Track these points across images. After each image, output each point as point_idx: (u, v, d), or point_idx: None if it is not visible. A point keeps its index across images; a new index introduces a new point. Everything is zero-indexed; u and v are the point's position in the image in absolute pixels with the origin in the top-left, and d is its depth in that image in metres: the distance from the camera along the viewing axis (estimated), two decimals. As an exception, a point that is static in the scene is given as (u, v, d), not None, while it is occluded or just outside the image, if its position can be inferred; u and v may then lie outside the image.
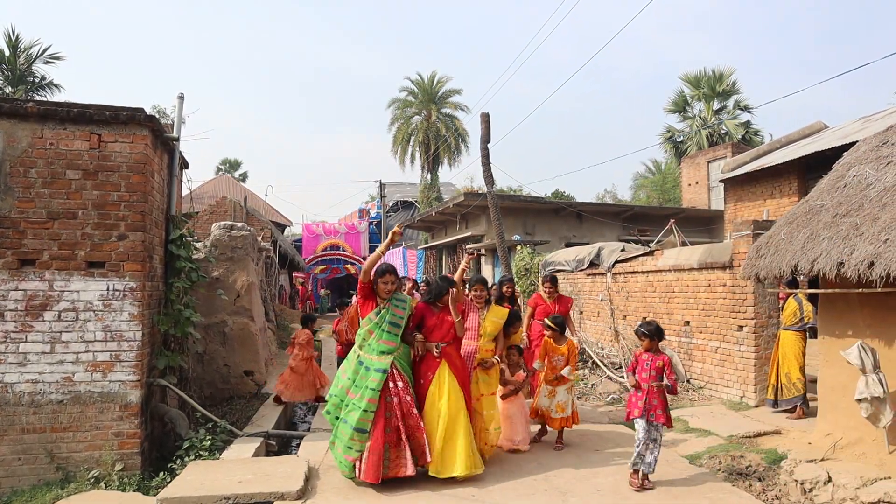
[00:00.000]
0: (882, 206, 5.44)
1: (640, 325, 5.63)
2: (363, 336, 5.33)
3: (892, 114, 13.09)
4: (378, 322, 5.31)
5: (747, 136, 29.24)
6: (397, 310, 5.40)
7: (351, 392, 5.21)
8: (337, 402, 5.32)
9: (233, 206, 20.15)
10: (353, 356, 5.38)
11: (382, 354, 5.23)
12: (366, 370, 5.19)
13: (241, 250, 9.50)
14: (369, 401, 5.04)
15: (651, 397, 5.26)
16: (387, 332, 5.29)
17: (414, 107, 37.78)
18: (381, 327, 5.29)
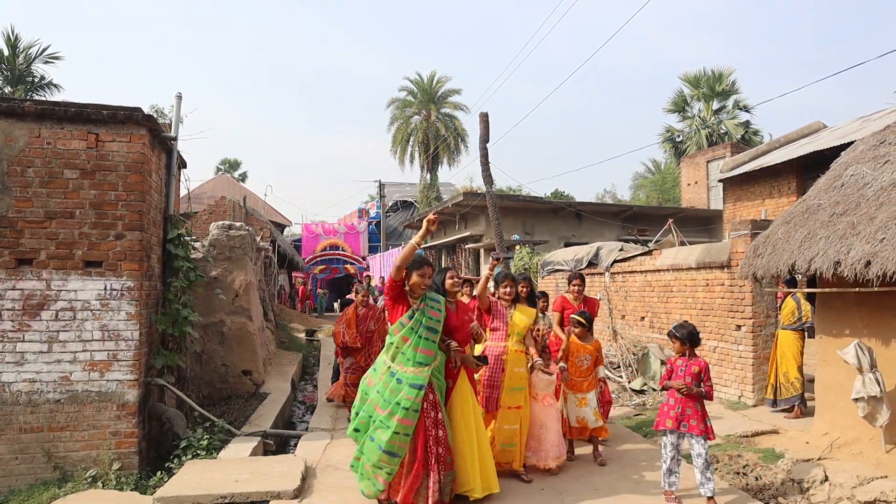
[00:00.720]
0: (879, 206, 5.45)
1: (674, 327, 5.08)
2: (396, 344, 4.49)
3: (890, 113, 13.09)
4: (413, 327, 4.46)
5: (747, 136, 29.25)
6: (433, 312, 4.57)
7: (379, 408, 4.42)
8: (365, 418, 4.51)
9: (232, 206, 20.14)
10: (383, 366, 4.55)
11: (419, 366, 4.41)
12: (397, 383, 4.39)
13: (239, 250, 9.50)
14: (402, 421, 4.28)
15: (685, 406, 4.79)
16: (424, 338, 4.46)
17: (413, 107, 37.78)
18: (416, 333, 4.46)
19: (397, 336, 4.48)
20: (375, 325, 8.03)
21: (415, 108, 37.78)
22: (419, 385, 4.36)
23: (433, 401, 4.47)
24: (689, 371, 4.88)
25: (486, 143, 15.07)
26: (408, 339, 4.45)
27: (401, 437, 4.31)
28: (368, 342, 7.94)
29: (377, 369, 4.62)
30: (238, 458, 5.84)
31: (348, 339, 7.93)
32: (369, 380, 4.64)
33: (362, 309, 8.14)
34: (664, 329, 10.04)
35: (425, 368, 4.43)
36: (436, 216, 4.45)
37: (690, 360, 4.94)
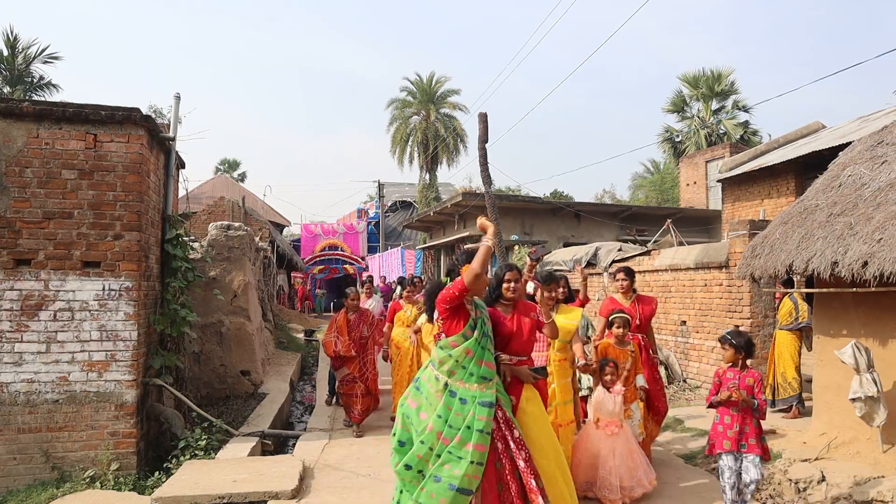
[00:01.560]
0: (876, 206, 5.45)
1: (730, 333, 4.60)
2: (456, 358, 3.77)
3: (888, 113, 13.10)
4: (478, 339, 3.80)
5: (745, 136, 29.27)
6: (486, 320, 3.99)
7: (444, 436, 3.63)
8: (425, 450, 3.64)
9: (231, 206, 20.15)
10: (435, 384, 3.80)
11: (483, 381, 3.74)
12: (461, 403, 3.68)
13: (237, 250, 9.51)
14: (477, 447, 3.55)
15: (743, 423, 4.34)
16: (487, 350, 3.84)
17: (413, 107, 37.77)
18: (480, 345, 3.81)
19: (458, 349, 3.75)
20: (369, 330, 7.44)
21: (414, 108, 37.78)
22: (489, 402, 3.67)
23: (505, 418, 3.77)
24: (744, 383, 4.39)
25: (485, 144, 15.06)
26: (471, 352, 3.77)
27: (475, 468, 3.57)
28: (362, 350, 7.30)
29: (422, 389, 3.85)
30: (236, 459, 5.85)
31: (341, 348, 7.16)
32: (411, 400, 3.87)
33: (353, 314, 7.42)
34: (662, 329, 10.05)
35: (490, 383, 3.77)
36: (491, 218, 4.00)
37: (743, 372, 4.46)
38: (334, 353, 7.19)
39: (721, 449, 4.35)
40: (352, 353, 7.15)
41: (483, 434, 3.59)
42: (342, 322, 7.31)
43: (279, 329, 15.26)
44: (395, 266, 26.07)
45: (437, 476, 3.54)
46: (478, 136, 15.24)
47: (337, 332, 7.24)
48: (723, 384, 4.46)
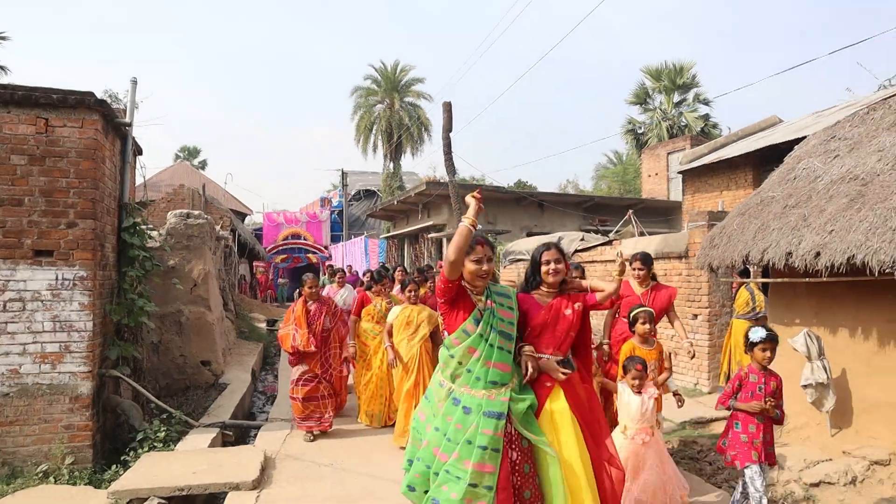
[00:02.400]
0: (829, 198, 5.61)
1: (766, 329, 4.23)
2: (459, 358, 3.25)
3: (842, 109, 13.47)
4: (482, 334, 3.22)
5: (706, 129, 29.79)
6: (504, 311, 3.34)
7: (441, 451, 3.14)
8: (423, 469, 3.21)
9: (191, 195, 19.74)
10: (440, 391, 3.32)
11: (492, 387, 3.17)
12: (464, 413, 3.14)
13: (197, 239, 9.34)
14: (479, 467, 3.00)
15: (765, 431, 4.06)
16: (498, 348, 3.22)
17: (377, 95, 37.49)
18: (487, 342, 3.22)
19: (459, 347, 3.23)
20: (332, 322, 6.61)
21: (378, 96, 37.50)
22: (496, 413, 3.09)
23: (512, 434, 3.17)
24: (769, 389, 4.08)
25: (449, 133, 15.06)
26: (475, 351, 3.21)
27: (480, 492, 3.00)
28: (324, 344, 6.51)
29: (430, 398, 3.38)
30: (196, 450, 5.77)
31: (300, 341, 6.33)
32: (421, 412, 3.42)
33: (313, 304, 6.57)
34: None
35: (502, 390, 3.17)
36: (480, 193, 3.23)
37: (768, 375, 4.14)
38: (292, 348, 6.35)
39: (749, 461, 3.95)
40: (311, 348, 6.31)
41: (486, 452, 3.00)
42: (300, 312, 6.45)
43: (241, 319, 15.06)
44: (359, 255, 25.93)
45: (435, 499, 3.07)
46: (442, 126, 15.22)
47: (295, 323, 6.39)
48: (745, 388, 4.08)
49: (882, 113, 6.28)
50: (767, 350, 4.10)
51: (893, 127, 5.95)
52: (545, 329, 3.45)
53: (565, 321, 3.45)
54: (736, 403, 4.13)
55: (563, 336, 3.45)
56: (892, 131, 5.90)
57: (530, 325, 3.46)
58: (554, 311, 3.47)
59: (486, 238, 3.38)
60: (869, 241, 4.85)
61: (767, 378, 4.12)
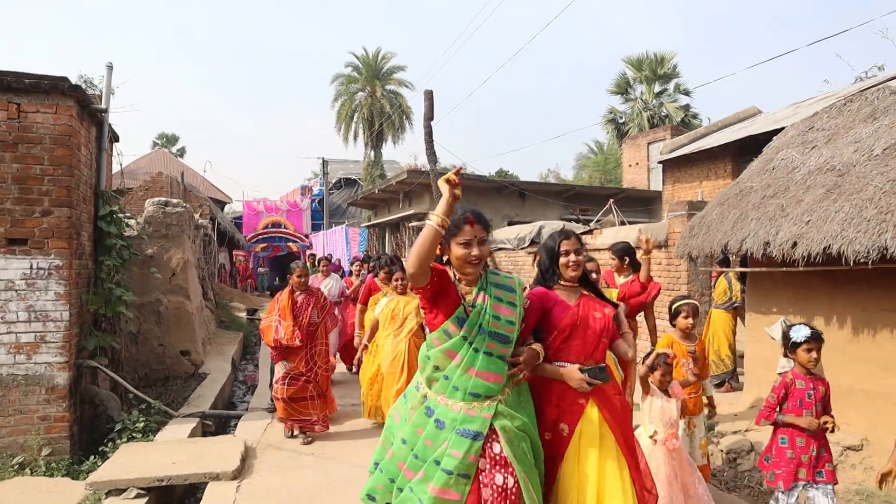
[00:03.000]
0: (806, 189, 5.68)
1: (809, 327, 3.69)
2: (435, 361, 2.72)
3: (820, 100, 13.62)
4: (466, 336, 2.66)
5: (686, 119, 30.00)
6: (503, 308, 2.73)
7: (406, 467, 2.70)
8: (385, 481, 2.80)
9: (169, 182, 19.48)
10: (415, 394, 2.83)
11: (473, 399, 2.63)
12: (436, 427, 2.64)
13: (176, 227, 9.23)
14: (441, 493, 2.54)
15: (819, 445, 3.60)
16: (485, 353, 2.65)
17: (358, 83, 37.23)
18: (471, 345, 2.66)
19: (437, 350, 2.69)
20: (320, 315, 6.08)
21: (359, 84, 37.24)
22: (472, 432, 2.57)
23: (498, 458, 2.60)
24: (819, 395, 3.61)
25: (431, 121, 15.01)
26: (455, 355, 2.66)
27: None
28: (311, 339, 5.96)
29: (407, 398, 2.89)
30: (176, 440, 5.73)
31: (284, 335, 5.79)
32: (396, 412, 2.98)
33: (300, 295, 6.05)
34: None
35: (486, 403, 2.63)
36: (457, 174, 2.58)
37: (815, 379, 3.68)
38: (275, 341, 5.83)
39: (795, 480, 3.53)
40: (296, 342, 5.77)
41: (452, 477, 2.53)
42: (286, 303, 5.92)
43: (220, 308, 14.95)
44: (340, 244, 25.80)
45: None
46: (423, 114, 15.17)
47: (279, 314, 5.87)
48: (792, 397, 3.62)
49: (859, 105, 6.35)
50: (813, 350, 3.61)
51: (869, 119, 6.03)
52: (574, 333, 2.87)
53: (597, 325, 2.91)
54: (784, 417, 3.65)
55: (594, 342, 2.89)
56: (868, 123, 5.98)
57: (557, 327, 2.87)
58: (584, 311, 2.93)
59: (477, 214, 2.76)
60: (845, 232, 4.93)
61: (815, 383, 3.64)
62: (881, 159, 5.32)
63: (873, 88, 6.67)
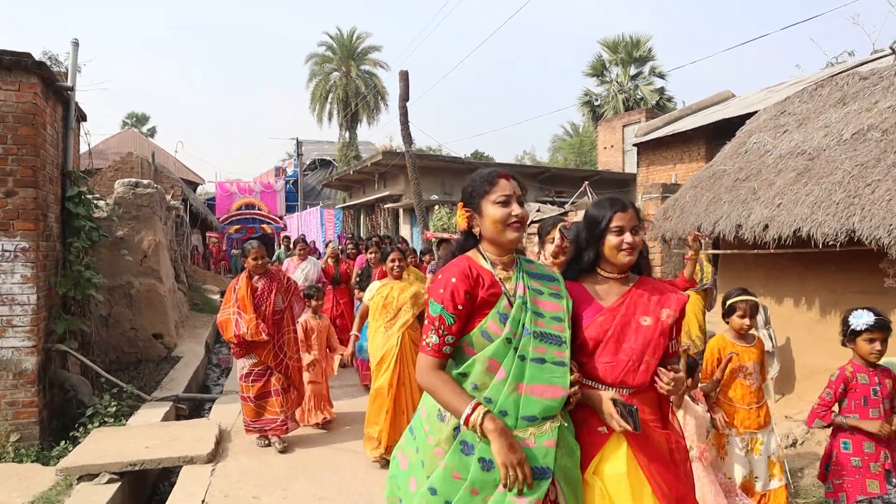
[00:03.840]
0: (777, 172, 5.76)
1: (862, 315, 3.12)
2: (474, 380, 2.02)
3: (792, 85, 13.77)
4: (510, 338, 2.02)
5: (661, 102, 30.15)
6: (545, 302, 2.12)
7: None
8: None
9: (140, 163, 19.12)
10: (440, 427, 2.08)
11: (530, 425, 1.97)
12: (483, 468, 1.94)
13: (147, 209, 9.07)
14: None
15: (891, 449, 3.07)
16: (534, 360, 2.01)
17: (332, 63, 36.74)
18: (516, 351, 2.01)
19: (473, 360, 2.02)
20: (285, 300, 5.31)
21: (334, 64, 36.76)
22: (538, 469, 1.91)
23: None
24: (885, 391, 3.10)
25: (406, 102, 14.87)
26: (497, 367, 1.99)
27: None
28: (277, 329, 5.20)
29: (420, 435, 2.15)
30: (149, 424, 5.68)
31: (247, 329, 4.98)
32: (403, 455, 2.22)
33: (260, 280, 5.22)
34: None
35: (546, 426, 1.96)
36: None
37: (881, 373, 3.16)
38: (237, 337, 5.03)
39: (863, 494, 2.97)
40: (262, 336, 5.01)
41: None
42: (244, 292, 5.10)
43: (193, 290, 14.78)
44: (314, 226, 25.58)
45: None
46: (399, 95, 15.01)
47: (237, 306, 5.09)
48: (852, 394, 3.11)
49: (829, 90, 6.43)
50: (876, 342, 3.06)
51: (839, 104, 6.11)
52: (605, 343, 2.12)
53: (639, 337, 2.11)
54: (846, 419, 3.11)
55: (636, 358, 2.09)
56: (837, 108, 6.06)
57: (580, 334, 2.14)
58: (624, 317, 2.14)
59: (510, 173, 2.16)
60: (814, 215, 5.01)
61: (880, 376, 3.10)
62: (850, 144, 5.41)
63: (843, 74, 6.76)
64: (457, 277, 2.05)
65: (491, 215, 2.10)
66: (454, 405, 1.94)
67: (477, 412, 1.89)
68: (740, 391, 3.61)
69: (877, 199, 4.68)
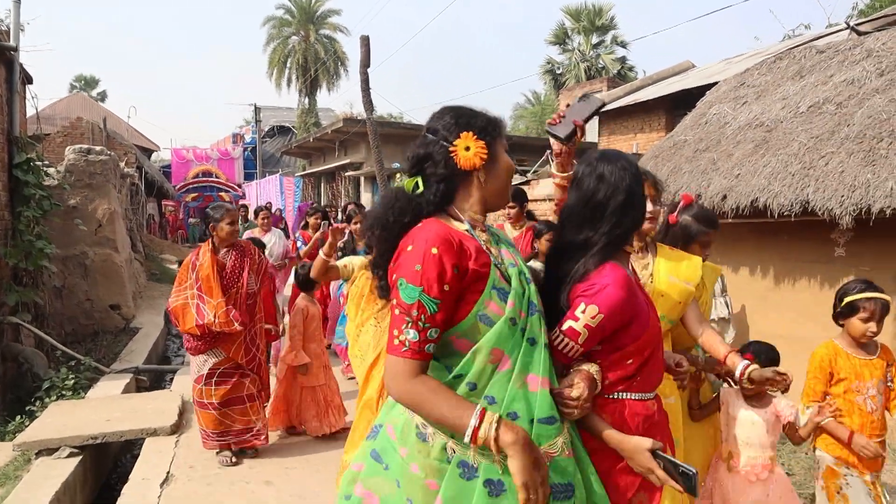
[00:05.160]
0: (736, 143, 5.87)
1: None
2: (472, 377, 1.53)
3: (751, 57, 13.96)
4: (514, 318, 1.54)
5: (622, 72, 30.31)
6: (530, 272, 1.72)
7: None
8: None
9: (90, 128, 18.45)
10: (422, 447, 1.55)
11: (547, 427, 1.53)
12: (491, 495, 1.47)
13: (100, 176, 8.80)
14: None
15: None
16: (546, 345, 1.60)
17: (291, 26, 35.85)
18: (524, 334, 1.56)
19: (477, 352, 1.54)
20: (258, 281, 4.29)
21: (293, 28, 35.86)
22: (562, 487, 1.53)
23: None
24: None
25: (367, 68, 14.61)
26: (501, 356, 1.54)
27: None
28: (250, 319, 4.22)
29: (389, 461, 1.61)
30: (109, 397, 5.59)
31: (215, 318, 3.95)
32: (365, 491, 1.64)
33: (229, 253, 4.21)
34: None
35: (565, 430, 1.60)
36: None
37: None
38: (199, 328, 3.96)
39: None
40: (236, 325, 4.02)
41: None
42: (210, 271, 4.05)
43: (151, 260, 14.47)
44: (274, 194, 25.18)
45: None
46: (359, 60, 14.73)
47: (198, 289, 4.02)
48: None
49: (787, 63, 6.55)
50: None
51: (796, 76, 6.23)
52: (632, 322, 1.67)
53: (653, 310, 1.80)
54: None
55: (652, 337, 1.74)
56: (795, 81, 6.18)
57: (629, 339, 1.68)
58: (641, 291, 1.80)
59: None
60: (771, 185, 5.13)
61: None
62: (806, 116, 5.54)
63: (801, 47, 6.89)
64: (438, 247, 1.48)
65: (506, 162, 1.70)
66: (452, 418, 1.44)
67: (487, 422, 1.41)
68: (858, 420, 2.69)
69: (830, 171, 4.81)
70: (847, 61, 5.84)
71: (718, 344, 2.32)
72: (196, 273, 4.09)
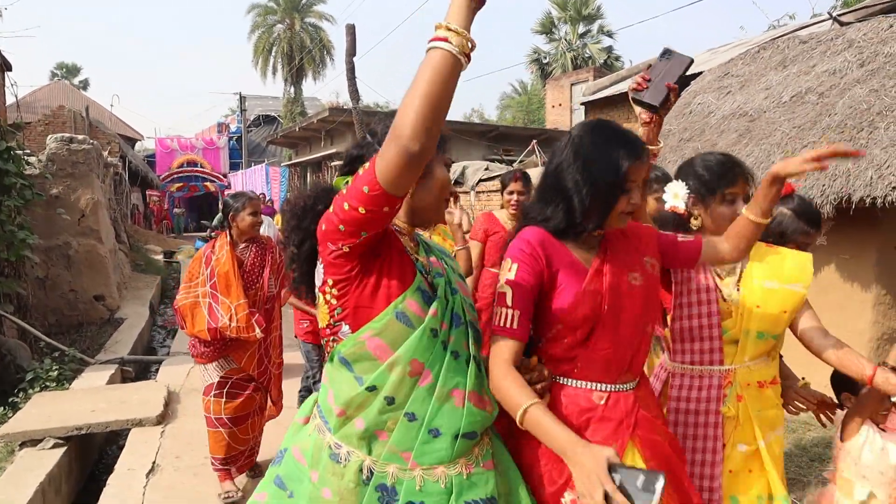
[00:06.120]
0: (720, 133, 5.92)
1: None
2: (388, 391, 1.40)
3: (735, 46, 14.03)
4: (435, 328, 1.43)
5: (609, 61, 30.38)
6: (460, 282, 1.62)
7: None
8: None
9: (73, 117, 18.27)
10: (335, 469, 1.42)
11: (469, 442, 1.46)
12: None
13: (83, 165, 8.71)
14: None
15: None
16: (471, 359, 1.50)
17: (276, 14, 35.56)
18: (446, 346, 1.45)
19: (393, 364, 1.40)
20: (276, 283, 3.76)
21: (278, 16, 35.59)
22: (483, 501, 1.42)
23: None
24: None
25: (353, 57, 14.55)
26: (421, 369, 1.41)
27: None
28: (267, 325, 3.65)
29: (292, 485, 1.50)
30: (94, 388, 5.57)
31: (234, 321, 3.42)
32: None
33: (249, 247, 3.67)
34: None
35: (485, 443, 1.53)
36: None
37: None
38: (211, 331, 3.41)
39: None
40: (257, 333, 3.48)
41: None
42: (230, 267, 3.50)
43: (135, 251, 14.37)
44: (260, 184, 25.07)
45: None
46: (345, 49, 14.67)
47: (213, 286, 3.47)
48: None
49: (770, 53, 6.59)
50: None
51: (780, 67, 6.28)
52: (601, 329, 1.57)
53: (635, 302, 1.61)
54: None
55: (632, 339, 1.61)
56: (778, 71, 6.23)
57: (561, 317, 1.56)
58: (612, 278, 1.58)
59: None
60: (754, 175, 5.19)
61: None
62: (789, 106, 5.59)
63: (785, 37, 6.94)
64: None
65: (442, 177, 1.61)
66: (432, 68, 1.31)
67: (452, 39, 1.29)
68: None
69: (812, 160, 4.87)
70: (829, 52, 5.89)
71: (857, 358, 1.84)
72: (211, 268, 3.50)
